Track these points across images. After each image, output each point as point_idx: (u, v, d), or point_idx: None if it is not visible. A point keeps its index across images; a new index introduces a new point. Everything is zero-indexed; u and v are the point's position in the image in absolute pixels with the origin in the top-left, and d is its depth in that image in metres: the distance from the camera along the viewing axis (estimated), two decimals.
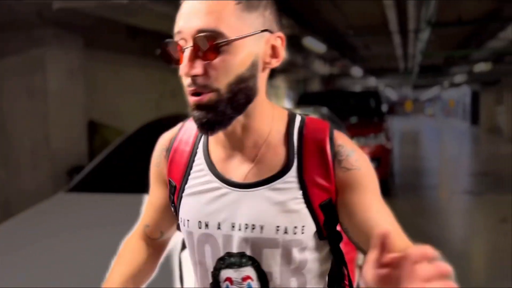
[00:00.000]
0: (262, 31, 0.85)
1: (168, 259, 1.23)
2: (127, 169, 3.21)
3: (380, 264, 0.67)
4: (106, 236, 2.01)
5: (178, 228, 1.04)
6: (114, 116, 6.76)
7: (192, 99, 0.84)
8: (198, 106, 0.84)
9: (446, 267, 0.60)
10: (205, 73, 0.82)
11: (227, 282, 0.93)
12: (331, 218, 0.92)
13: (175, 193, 0.99)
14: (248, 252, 0.91)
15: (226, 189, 0.93)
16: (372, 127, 7.55)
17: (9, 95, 4.46)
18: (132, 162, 3.30)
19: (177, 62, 0.84)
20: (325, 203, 0.91)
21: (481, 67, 12.83)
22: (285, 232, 0.90)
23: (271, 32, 0.87)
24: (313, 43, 8.27)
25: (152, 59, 7.74)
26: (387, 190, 6.62)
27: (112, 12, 4.41)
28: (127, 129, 4.41)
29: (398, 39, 9.21)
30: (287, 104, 15.24)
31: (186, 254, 1.04)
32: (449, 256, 0.78)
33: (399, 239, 0.87)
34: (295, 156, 0.91)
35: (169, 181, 1.00)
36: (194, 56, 0.81)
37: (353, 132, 6.23)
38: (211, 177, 0.94)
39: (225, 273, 0.93)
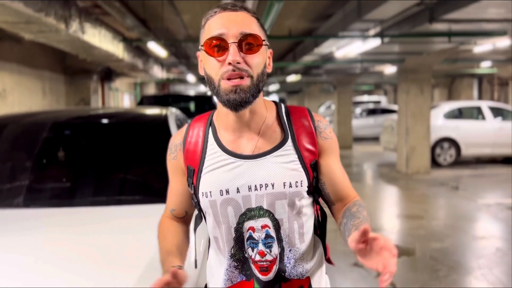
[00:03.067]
0: (266, 44, 1.07)
1: None
2: None
3: (359, 242, 0.90)
4: None
5: (195, 207, 1.18)
6: None
7: (233, 82, 1.01)
8: (236, 90, 1.01)
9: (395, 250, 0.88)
10: (245, 63, 1.01)
11: (250, 231, 1.09)
12: (315, 175, 1.14)
13: (193, 175, 1.12)
14: (265, 206, 1.09)
15: (239, 162, 1.09)
16: None
17: None
18: None
19: (217, 54, 1.02)
20: (313, 163, 1.13)
21: (292, 78, 13.76)
22: (290, 186, 1.09)
23: (268, 47, 1.10)
24: (156, 48, 7.69)
25: None
26: None
27: None
28: None
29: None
30: (126, 105, 14.22)
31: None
32: None
33: (350, 190, 1.19)
34: (289, 131, 1.13)
35: (187, 167, 1.14)
36: (237, 49, 1.00)
37: None
38: (224, 155, 1.10)
39: (248, 224, 1.09)
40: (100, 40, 6.27)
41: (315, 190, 1.16)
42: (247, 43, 1.01)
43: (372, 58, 9.60)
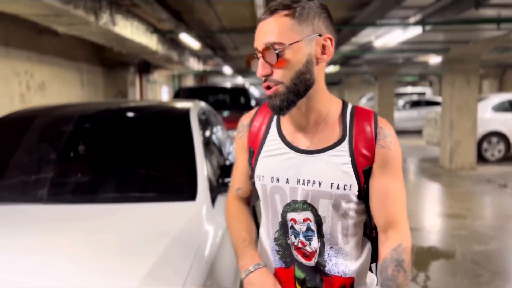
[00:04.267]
0: (309, 36, 1.05)
1: None
2: None
3: None
4: None
5: (252, 186, 1.26)
6: None
7: (266, 92, 1.10)
8: (271, 97, 1.08)
9: None
10: (272, 72, 1.06)
11: (291, 222, 1.16)
12: (368, 182, 1.13)
13: (252, 156, 1.21)
14: (309, 200, 1.13)
15: (293, 154, 1.14)
16: None
17: None
18: None
19: (254, 67, 1.10)
20: (367, 169, 1.11)
21: (331, 69, 13.45)
22: (337, 188, 1.10)
23: (320, 35, 1.07)
24: (188, 40, 7.69)
25: (17, 49, 6.48)
26: None
27: None
28: None
29: None
30: (164, 97, 14.44)
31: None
32: None
33: (394, 220, 1.12)
34: (348, 132, 1.12)
35: (249, 148, 1.23)
36: (264, 61, 1.06)
37: (227, 125, 5.92)
38: (281, 145, 1.16)
39: (291, 215, 1.15)
40: (132, 32, 6.32)
41: (367, 196, 1.15)
42: (272, 50, 1.03)
43: (414, 48, 9.18)
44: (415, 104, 16.57)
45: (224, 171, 2.31)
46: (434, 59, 10.68)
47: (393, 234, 1.12)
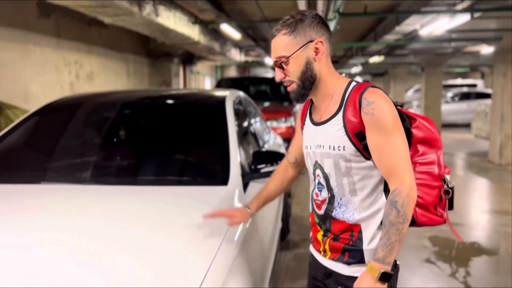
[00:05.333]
0: (303, 45, 1.38)
1: None
2: (21, 155, 2.53)
3: None
4: None
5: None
6: (25, 98, 5.81)
7: (288, 90, 1.44)
8: (290, 93, 1.44)
9: None
10: (285, 76, 1.42)
11: (318, 176, 1.48)
12: (364, 144, 1.36)
13: (301, 131, 1.58)
14: (318, 161, 1.46)
15: (313, 127, 1.48)
16: (283, 111, 7.39)
17: None
18: (31, 146, 2.62)
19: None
20: (357, 133, 1.35)
21: (375, 59, 13.13)
22: (333, 149, 1.39)
23: (312, 41, 1.38)
24: (229, 30, 7.76)
25: (67, 40, 6.81)
26: None
27: None
28: None
29: None
30: (207, 87, 14.67)
31: None
32: None
33: (392, 172, 1.34)
34: (343, 105, 1.39)
35: (302, 127, 1.58)
36: (278, 70, 1.42)
37: (266, 116, 5.94)
38: (309, 122, 1.52)
39: (316, 171, 1.49)
40: (175, 22, 6.46)
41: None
42: (281, 62, 1.39)
43: (463, 37, 8.77)
44: (465, 96, 15.89)
45: (257, 157, 2.34)
46: (487, 49, 10.17)
47: (392, 181, 1.34)
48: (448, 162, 8.82)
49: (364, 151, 1.36)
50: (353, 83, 1.41)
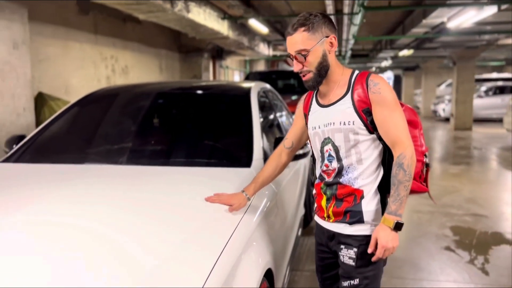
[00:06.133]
0: (320, 40, 1.61)
1: None
2: (68, 139, 2.81)
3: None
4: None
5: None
6: (66, 91, 6.20)
7: (303, 78, 1.66)
8: (306, 81, 1.66)
9: None
10: (303, 66, 1.63)
11: (328, 151, 1.71)
12: (370, 120, 1.62)
13: (306, 117, 1.81)
14: (329, 136, 1.69)
15: (321, 109, 1.72)
16: None
17: None
18: (74, 132, 2.90)
19: (291, 64, 1.67)
20: (365, 109, 1.62)
21: (404, 53, 12.99)
22: (344, 124, 1.64)
23: (327, 36, 1.62)
24: (257, 25, 7.93)
25: (104, 36, 7.18)
26: None
27: None
28: None
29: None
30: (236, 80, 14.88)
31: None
32: None
33: (398, 139, 1.60)
34: (350, 88, 1.66)
35: (304, 113, 1.83)
36: (297, 61, 1.63)
37: (293, 108, 6.05)
38: (316, 106, 1.75)
39: (325, 147, 1.71)
40: (205, 18, 6.70)
41: (376, 131, 1.64)
42: (300, 55, 1.61)
43: (495, 29, 8.61)
44: (500, 90, 15.45)
45: (277, 143, 2.52)
46: None
47: (397, 148, 1.60)
48: (477, 157, 8.71)
49: (370, 125, 1.62)
50: (356, 71, 1.70)
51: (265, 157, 2.41)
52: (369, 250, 1.61)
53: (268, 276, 1.82)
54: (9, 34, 3.95)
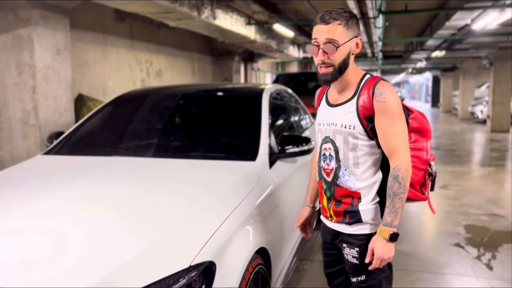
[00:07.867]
0: (351, 38, 1.61)
1: None
2: (101, 135, 3.19)
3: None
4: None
5: None
6: (104, 92, 6.69)
7: (322, 70, 1.64)
8: (324, 74, 1.63)
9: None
10: (328, 58, 1.60)
11: (327, 150, 1.76)
12: (371, 127, 1.63)
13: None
14: (331, 136, 1.73)
15: (328, 108, 1.76)
16: None
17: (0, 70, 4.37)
18: (106, 129, 3.27)
19: (314, 52, 1.64)
20: (367, 116, 1.63)
21: (436, 54, 12.85)
22: (345, 127, 1.67)
23: (356, 36, 1.64)
24: (282, 29, 8.18)
25: (139, 41, 7.66)
26: None
27: None
28: None
29: (361, 27, 9.16)
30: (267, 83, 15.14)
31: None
32: None
33: (394, 151, 1.61)
34: (358, 93, 1.66)
35: (317, 107, 1.87)
36: (323, 51, 1.60)
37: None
38: (324, 103, 1.80)
39: (324, 145, 1.77)
40: (232, 24, 7.02)
41: (376, 138, 1.66)
42: (332, 45, 1.59)
43: None
44: None
45: (284, 140, 2.78)
46: None
47: (394, 159, 1.62)
48: (510, 160, 8.56)
49: (370, 132, 1.63)
50: (367, 75, 1.70)
51: (271, 153, 2.68)
52: (367, 260, 1.66)
53: (265, 256, 2.10)
54: (53, 42, 4.43)
